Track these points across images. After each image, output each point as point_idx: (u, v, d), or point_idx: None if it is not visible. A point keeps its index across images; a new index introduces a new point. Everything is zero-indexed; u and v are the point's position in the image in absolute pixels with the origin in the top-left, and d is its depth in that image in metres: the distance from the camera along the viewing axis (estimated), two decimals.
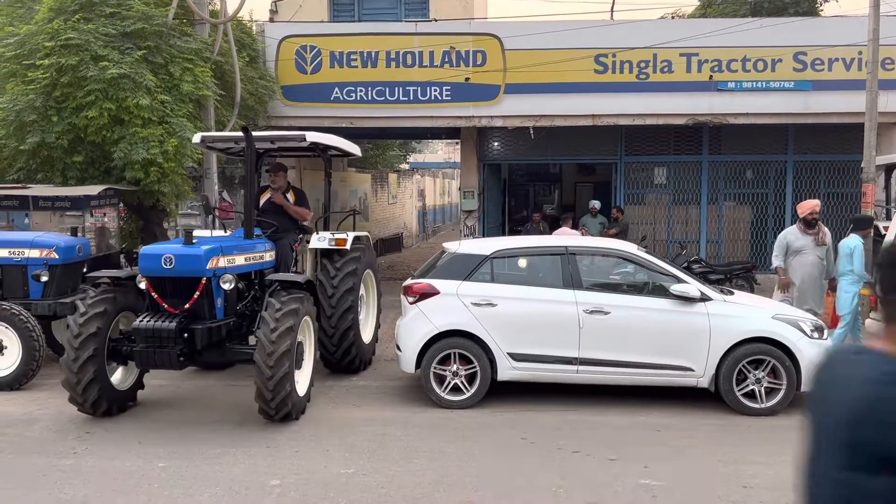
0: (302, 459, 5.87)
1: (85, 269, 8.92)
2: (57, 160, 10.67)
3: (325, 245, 8.04)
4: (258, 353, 6.20)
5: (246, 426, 6.64)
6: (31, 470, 5.68)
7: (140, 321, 6.32)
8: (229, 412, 7.11)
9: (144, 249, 6.63)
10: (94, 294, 6.56)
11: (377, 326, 9.38)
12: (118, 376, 6.91)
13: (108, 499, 5.13)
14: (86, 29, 10.46)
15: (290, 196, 8.37)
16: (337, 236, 8.06)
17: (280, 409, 6.33)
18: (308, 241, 8.29)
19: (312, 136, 7.73)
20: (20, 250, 8.45)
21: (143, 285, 6.54)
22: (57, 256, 8.45)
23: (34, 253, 8.43)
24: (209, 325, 6.46)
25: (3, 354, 7.75)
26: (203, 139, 7.96)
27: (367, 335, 8.83)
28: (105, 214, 10.80)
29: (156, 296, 6.43)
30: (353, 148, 8.96)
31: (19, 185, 10.57)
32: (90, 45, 10.30)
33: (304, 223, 8.58)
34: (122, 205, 11.47)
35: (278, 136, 8.15)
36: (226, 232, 8.11)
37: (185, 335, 6.31)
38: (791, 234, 9.05)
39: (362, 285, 8.61)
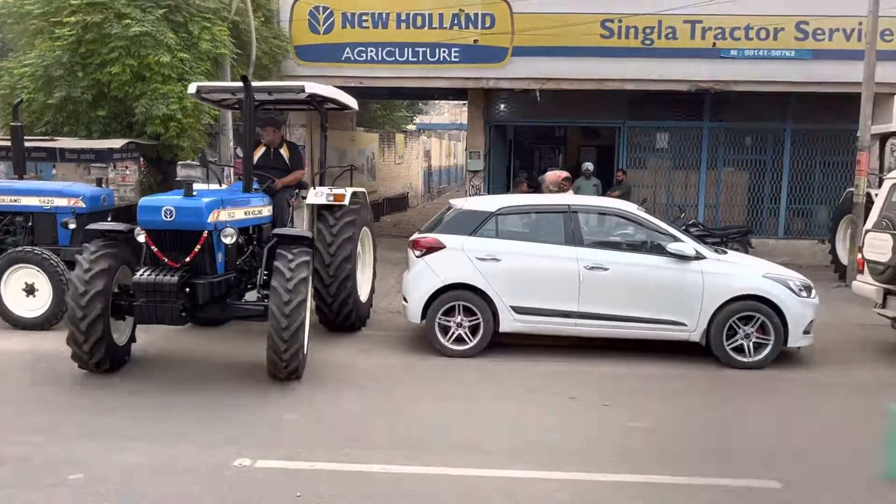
0: (313, 397, 6.01)
1: (109, 218, 9.11)
2: (82, 114, 10.82)
3: (322, 200, 7.70)
4: (273, 301, 5.90)
5: (254, 376, 6.43)
6: (66, 399, 5.87)
7: (141, 275, 5.90)
8: (235, 364, 6.85)
9: (143, 201, 6.18)
10: (96, 249, 6.06)
11: (372, 290, 8.98)
12: (116, 332, 6.43)
13: (144, 423, 5.27)
14: None
15: (284, 151, 7.94)
16: (335, 191, 7.73)
17: (292, 361, 6.03)
18: (304, 197, 7.96)
19: (311, 88, 7.34)
20: (50, 199, 8.63)
21: (141, 238, 6.10)
22: (84, 205, 8.63)
23: (62, 202, 8.61)
24: (211, 280, 6.09)
25: (34, 296, 7.90)
26: (199, 89, 7.45)
27: (363, 294, 8.49)
28: (127, 167, 11.00)
29: (155, 249, 6.01)
30: (351, 101, 8.45)
31: (47, 137, 10.74)
32: (114, 3, 10.37)
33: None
34: (142, 159, 11.65)
35: (276, 87, 7.74)
36: (221, 185, 7.67)
37: (187, 290, 5.95)
38: None
39: (359, 243, 8.17)
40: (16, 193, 8.70)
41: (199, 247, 5.96)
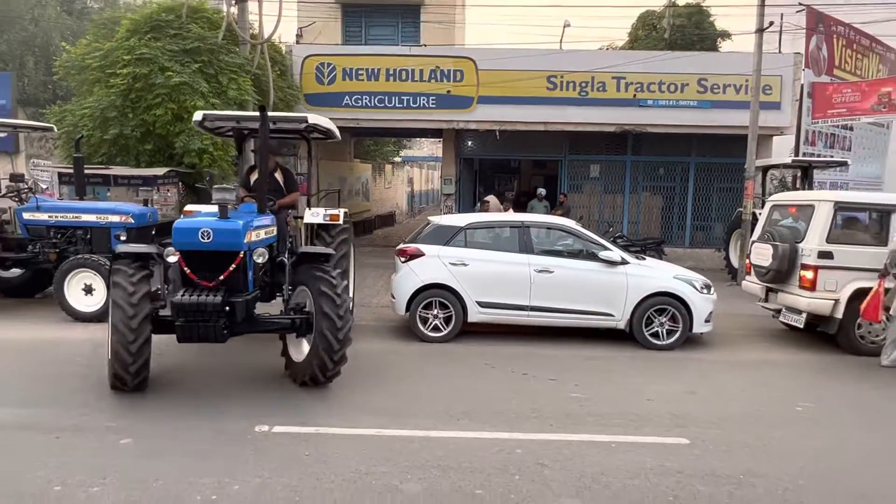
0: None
1: (153, 231, 8.99)
2: (132, 148, 10.65)
3: (319, 220, 7.07)
4: (328, 306, 5.17)
5: (261, 366, 6.09)
6: None
7: (182, 296, 5.01)
8: (237, 360, 6.31)
9: (179, 223, 5.27)
10: (133, 272, 5.09)
11: (352, 298, 7.84)
12: None
13: (179, 398, 5.19)
14: (155, 46, 10.42)
15: (279, 175, 6.98)
16: (330, 212, 7.09)
17: (340, 362, 5.34)
18: (297, 217, 7.18)
19: (313, 119, 6.50)
20: (105, 216, 8.47)
21: (172, 259, 5.12)
22: (133, 221, 8.48)
23: (115, 218, 8.46)
24: (246, 298, 5.27)
25: (92, 295, 7.82)
26: (204, 117, 6.22)
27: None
28: (168, 191, 10.84)
29: (188, 270, 5.12)
30: (336, 132, 7.20)
31: (103, 166, 10.58)
32: (158, 58, 10.26)
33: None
34: (181, 183, 11.50)
35: (282, 118, 6.68)
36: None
37: (227, 308, 5.13)
38: None
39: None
40: (77, 211, 8.55)
41: (234, 266, 5.15)
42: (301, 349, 5.61)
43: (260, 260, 5.42)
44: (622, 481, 3.97)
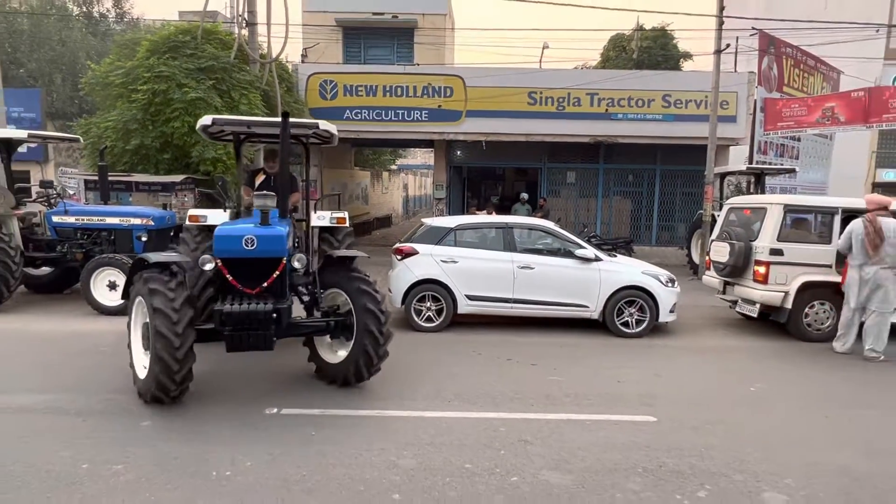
0: None
1: (172, 233, 8.90)
2: (151, 157, 10.59)
3: (325, 223, 6.56)
4: (371, 304, 4.83)
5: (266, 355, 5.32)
6: None
7: (230, 305, 4.48)
8: (240, 356, 5.06)
9: (220, 230, 4.65)
10: (168, 278, 4.51)
11: None
12: None
13: (194, 385, 5.10)
14: (172, 64, 10.36)
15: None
16: (336, 215, 6.61)
17: (384, 357, 5.02)
18: (301, 220, 6.54)
19: (324, 125, 5.81)
20: (127, 219, 8.40)
21: (209, 266, 4.59)
22: (153, 223, 8.43)
23: (137, 221, 8.39)
24: (288, 304, 4.76)
25: (116, 290, 7.75)
26: (214, 121, 5.42)
27: None
28: (185, 196, 10.77)
29: (230, 277, 4.57)
30: (336, 139, 6.41)
31: (125, 173, 10.49)
32: (176, 76, 10.21)
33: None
34: (197, 189, 11.42)
35: (295, 123, 5.68)
36: (224, 212, 6.07)
37: (274, 315, 4.60)
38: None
39: None
40: (102, 215, 8.46)
41: (277, 273, 4.62)
42: (334, 350, 5.23)
43: (299, 265, 4.83)
44: (596, 455, 3.98)
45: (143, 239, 8.36)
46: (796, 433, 4.49)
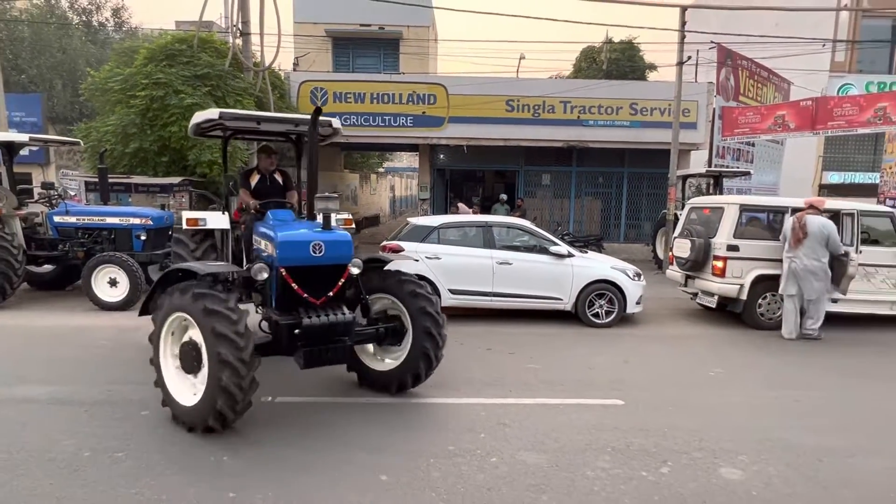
0: None
1: (170, 232, 8.75)
2: (150, 160, 10.42)
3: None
4: (429, 307, 4.40)
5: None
6: (140, 356, 5.38)
7: (310, 318, 3.91)
8: None
9: (286, 237, 4.00)
10: (225, 295, 3.72)
11: None
12: None
13: None
14: (169, 72, 10.18)
15: (279, 176, 5.53)
16: (342, 217, 5.84)
17: (440, 359, 4.58)
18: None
19: (336, 123, 4.98)
20: (127, 218, 8.26)
21: (263, 276, 3.97)
22: (151, 223, 8.30)
23: (136, 220, 8.25)
24: (354, 314, 4.26)
25: (116, 287, 7.66)
26: (221, 115, 4.55)
27: None
28: (182, 197, 10.61)
29: (295, 286, 3.98)
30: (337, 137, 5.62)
31: (124, 175, 10.31)
32: (172, 82, 10.04)
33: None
34: (193, 192, 11.26)
35: (304, 119, 4.76)
36: (223, 214, 5.50)
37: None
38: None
39: None
40: (102, 215, 8.31)
41: (343, 280, 4.12)
42: (379, 357, 4.77)
43: (356, 271, 4.21)
44: (569, 436, 4.01)
45: (143, 238, 8.22)
46: (750, 413, 4.58)
